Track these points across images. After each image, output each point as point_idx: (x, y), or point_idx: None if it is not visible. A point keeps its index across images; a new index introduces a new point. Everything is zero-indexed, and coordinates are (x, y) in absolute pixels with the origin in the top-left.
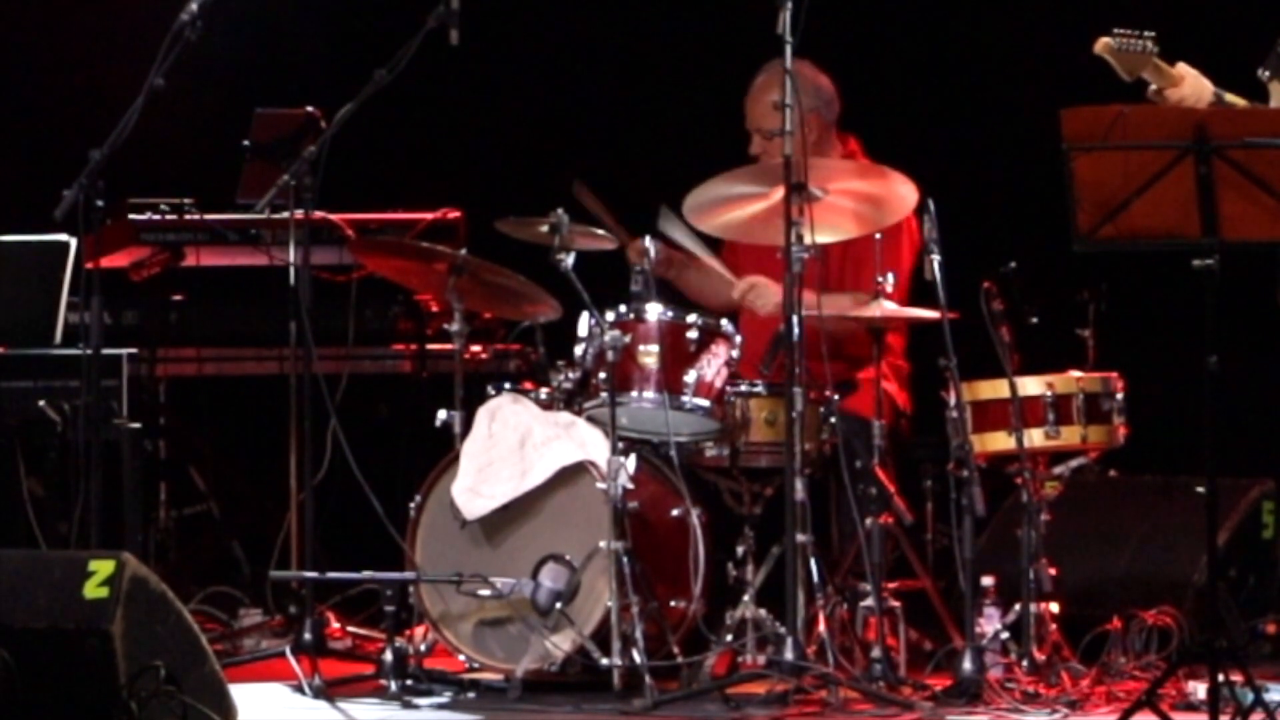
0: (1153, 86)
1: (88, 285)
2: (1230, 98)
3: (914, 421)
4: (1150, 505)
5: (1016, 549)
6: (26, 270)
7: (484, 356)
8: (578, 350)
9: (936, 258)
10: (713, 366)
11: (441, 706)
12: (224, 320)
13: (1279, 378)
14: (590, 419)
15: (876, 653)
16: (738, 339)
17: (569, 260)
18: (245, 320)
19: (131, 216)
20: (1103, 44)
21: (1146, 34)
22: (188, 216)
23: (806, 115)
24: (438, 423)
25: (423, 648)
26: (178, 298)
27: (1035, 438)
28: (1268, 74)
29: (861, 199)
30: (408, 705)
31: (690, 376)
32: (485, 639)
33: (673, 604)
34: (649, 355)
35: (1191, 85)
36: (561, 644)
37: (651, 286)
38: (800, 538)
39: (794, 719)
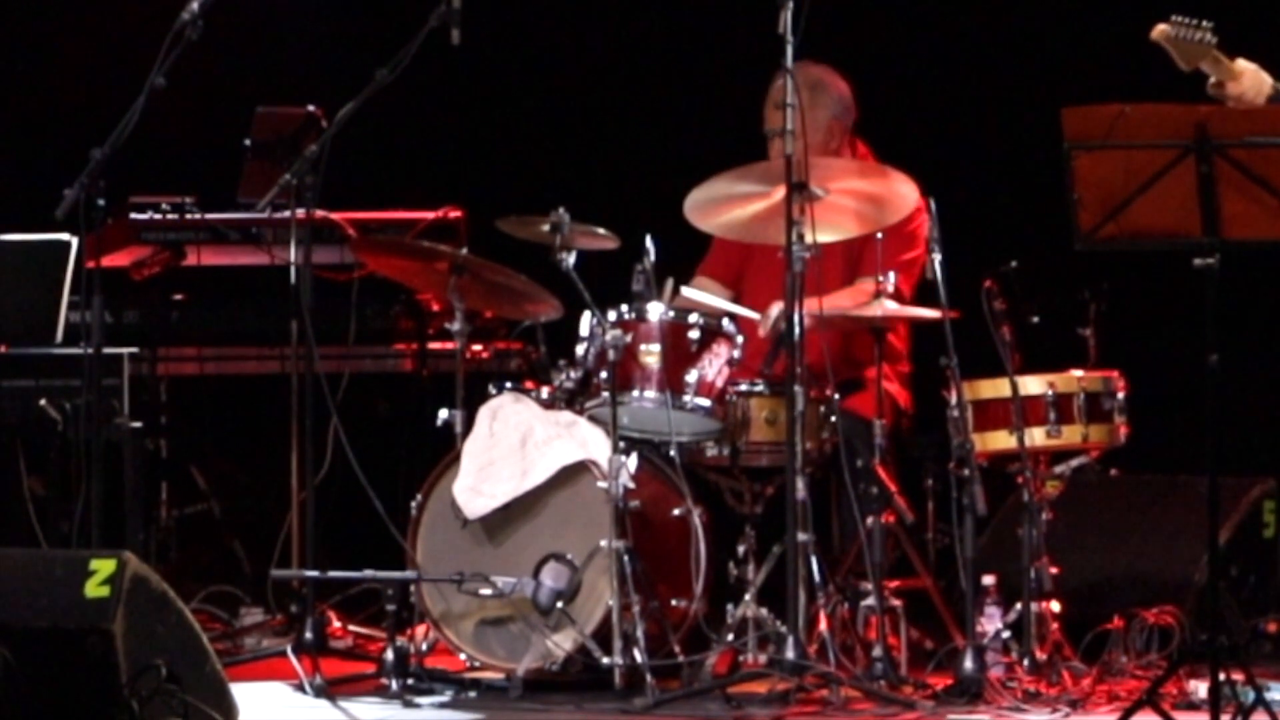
0: (1212, 79)
1: (89, 284)
2: None
3: (915, 420)
4: (1151, 504)
5: (1017, 548)
6: (27, 269)
7: (485, 356)
8: (579, 349)
9: (937, 257)
10: (714, 366)
11: (442, 705)
12: (225, 319)
13: (1279, 377)
14: (591, 418)
15: (877, 652)
16: (739, 339)
17: (570, 259)
18: (246, 319)
19: (132, 215)
20: (1160, 31)
21: (1205, 24)
22: (189, 215)
23: (830, 122)
24: (439, 422)
25: (424, 647)
26: (179, 297)
27: (1036, 437)
28: None
29: (862, 198)
30: (409, 704)
31: (691, 376)
32: (486, 638)
33: (674, 603)
34: (650, 355)
35: (1251, 80)
36: (563, 643)
37: (652, 286)
38: (801, 537)
39: (795, 718)
